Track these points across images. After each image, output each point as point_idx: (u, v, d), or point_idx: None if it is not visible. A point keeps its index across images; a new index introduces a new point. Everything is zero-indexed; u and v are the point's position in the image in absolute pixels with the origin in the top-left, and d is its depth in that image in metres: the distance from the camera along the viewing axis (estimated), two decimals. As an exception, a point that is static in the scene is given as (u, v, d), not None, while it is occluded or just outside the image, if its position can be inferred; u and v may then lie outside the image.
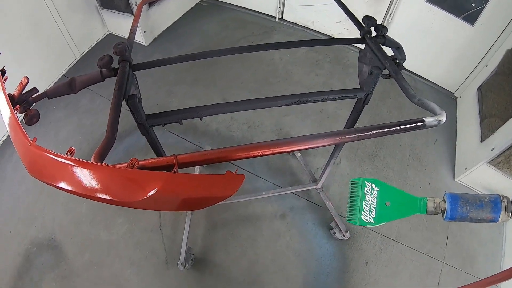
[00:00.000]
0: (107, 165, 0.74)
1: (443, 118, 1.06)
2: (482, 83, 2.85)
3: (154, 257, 2.34)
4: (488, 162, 2.48)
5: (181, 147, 2.76)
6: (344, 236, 2.42)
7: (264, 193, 2.47)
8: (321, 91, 1.46)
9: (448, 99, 3.37)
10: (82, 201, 2.54)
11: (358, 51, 3.48)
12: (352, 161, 2.86)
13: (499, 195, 0.83)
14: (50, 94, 1.19)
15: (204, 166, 2.60)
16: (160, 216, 2.50)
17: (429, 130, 3.10)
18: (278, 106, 1.44)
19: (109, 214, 2.49)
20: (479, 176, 2.66)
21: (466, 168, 2.71)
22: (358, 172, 2.81)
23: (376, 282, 2.35)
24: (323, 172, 2.34)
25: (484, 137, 2.58)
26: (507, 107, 2.40)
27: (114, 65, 1.23)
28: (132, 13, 3.28)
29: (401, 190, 0.93)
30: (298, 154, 2.73)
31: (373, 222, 0.90)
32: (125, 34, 3.56)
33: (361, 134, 1.01)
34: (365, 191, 0.93)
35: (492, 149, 2.39)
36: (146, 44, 3.51)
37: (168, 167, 0.83)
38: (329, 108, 3.16)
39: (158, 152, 1.62)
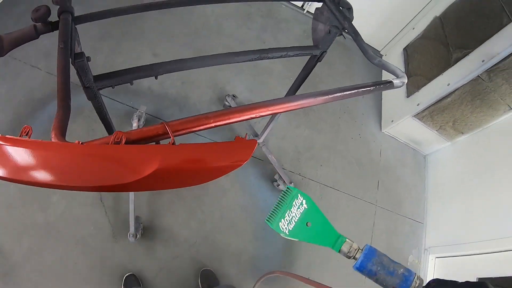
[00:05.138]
0: (82, 143, 0.62)
1: (405, 79, 1.24)
2: (408, 44, 3.10)
3: (99, 232, 2.16)
4: (414, 116, 2.75)
5: (112, 109, 2.48)
6: (288, 188, 2.52)
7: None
8: (281, 48, 1.44)
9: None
10: (8, 183, 2.17)
11: (291, 6, 3.44)
12: (288, 114, 2.91)
13: (415, 273, 0.84)
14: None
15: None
16: (99, 188, 2.28)
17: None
18: (239, 62, 1.39)
19: (41, 193, 2.17)
20: (404, 128, 2.96)
21: (392, 121, 2.97)
22: (294, 125, 2.89)
23: (319, 229, 2.52)
24: (266, 127, 2.35)
25: (409, 93, 2.85)
26: (432, 68, 2.66)
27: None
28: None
29: (327, 219, 0.95)
30: (229, 98, 2.68)
31: (287, 234, 0.93)
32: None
33: (345, 93, 1.15)
34: (293, 202, 0.95)
35: (418, 104, 2.66)
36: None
37: (155, 138, 0.74)
38: (263, 62, 3.12)
39: (105, 118, 1.43)
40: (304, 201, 0.96)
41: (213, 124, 0.82)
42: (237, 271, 2.28)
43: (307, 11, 3.49)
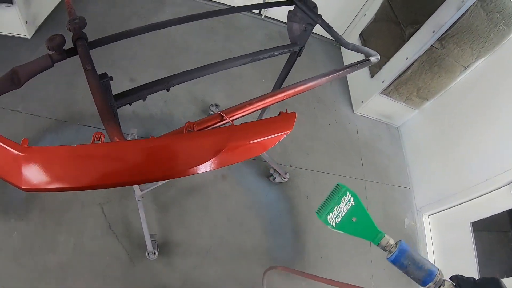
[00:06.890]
0: (154, 137, 0.73)
1: (379, 56, 1.49)
2: (363, 30, 3.39)
3: (116, 260, 2.15)
4: (381, 93, 3.03)
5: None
6: (285, 178, 2.69)
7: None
8: (268, 49, 1.61)
9: (332, 47, 3.88)
10: (10, 233, 2.09)
11: (249, 14, 3.65)
12: (267, 110, 3.07)
13: (438, 269, 0.95)
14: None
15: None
16: (105, 216, 2.27)
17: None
18: (237, 66, 1.54)
19: (47, 236, 2.12)
20: (374, 106, 3.23)
21: (362, 101, 3.23)
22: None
23: (320, 210, 2.70)
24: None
25: (373, 73, 3.12)
26: (389, 47, 2.95)
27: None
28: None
29: (370, 216, 1.05)
30: (213, 107, 2.84)
31: (334, 226, 1.03)
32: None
33: (338, 73, 1.35)
34: (342, 199, 1.05)
35: (383, 82, 2.93)
36: (29, 37, 2.94)
37: (213, 125, 0.90)
38: (234, 70, 3.27)
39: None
40: (352, 199, 1.05)
41: (255, 108, 0.99)
42: (257, 265, 2.38)
43: (265, 16, 3.70)
